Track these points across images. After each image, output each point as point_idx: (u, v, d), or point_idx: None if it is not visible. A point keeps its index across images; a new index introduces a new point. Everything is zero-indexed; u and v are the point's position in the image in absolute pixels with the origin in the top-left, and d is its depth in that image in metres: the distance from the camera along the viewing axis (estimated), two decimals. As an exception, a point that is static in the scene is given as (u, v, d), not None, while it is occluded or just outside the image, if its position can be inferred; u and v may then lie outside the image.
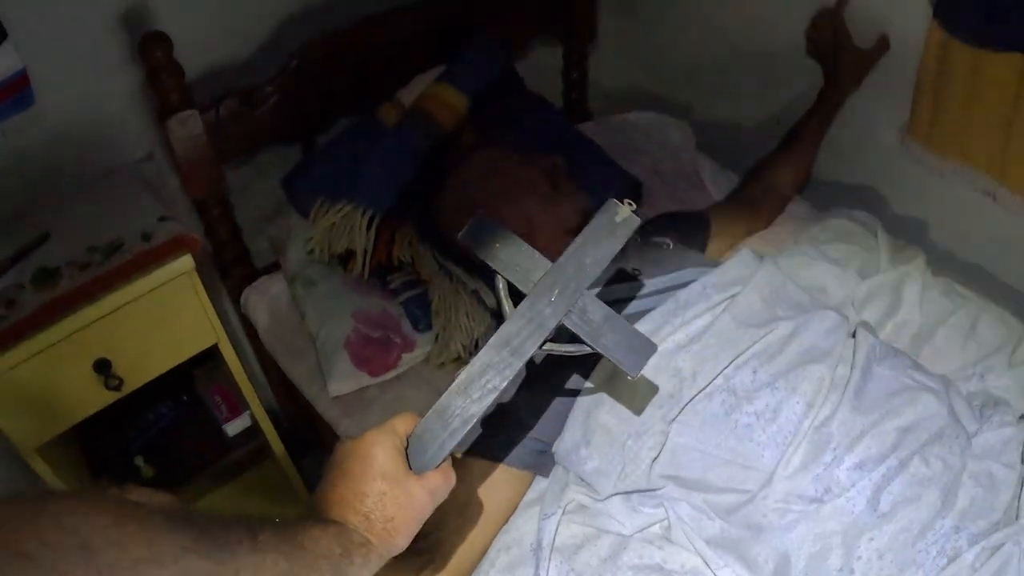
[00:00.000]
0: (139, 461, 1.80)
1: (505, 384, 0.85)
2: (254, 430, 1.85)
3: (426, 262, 1.58)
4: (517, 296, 0.93)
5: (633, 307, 1.36)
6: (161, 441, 1.84)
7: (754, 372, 1.22)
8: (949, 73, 1.56)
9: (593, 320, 0.88)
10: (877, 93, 1.75)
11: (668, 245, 1.47)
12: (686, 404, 1.20)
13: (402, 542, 0.81)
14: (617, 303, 1.37)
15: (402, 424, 0.85)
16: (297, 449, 1.97)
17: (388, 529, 0.79)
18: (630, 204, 0.96)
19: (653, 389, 1.22)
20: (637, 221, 0.94)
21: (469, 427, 0.85)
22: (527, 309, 0.87)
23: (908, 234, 1.74)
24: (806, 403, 1.19)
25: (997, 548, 1.11)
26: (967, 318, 1.52)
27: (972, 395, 1.37)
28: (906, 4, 1.59)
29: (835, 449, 1.17)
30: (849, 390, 1.22)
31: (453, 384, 0.85)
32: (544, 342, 0.87)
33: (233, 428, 1.85)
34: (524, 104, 1.86)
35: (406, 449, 0.84)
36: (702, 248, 1.60)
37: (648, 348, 0.86)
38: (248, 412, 1.80)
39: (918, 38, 1.59)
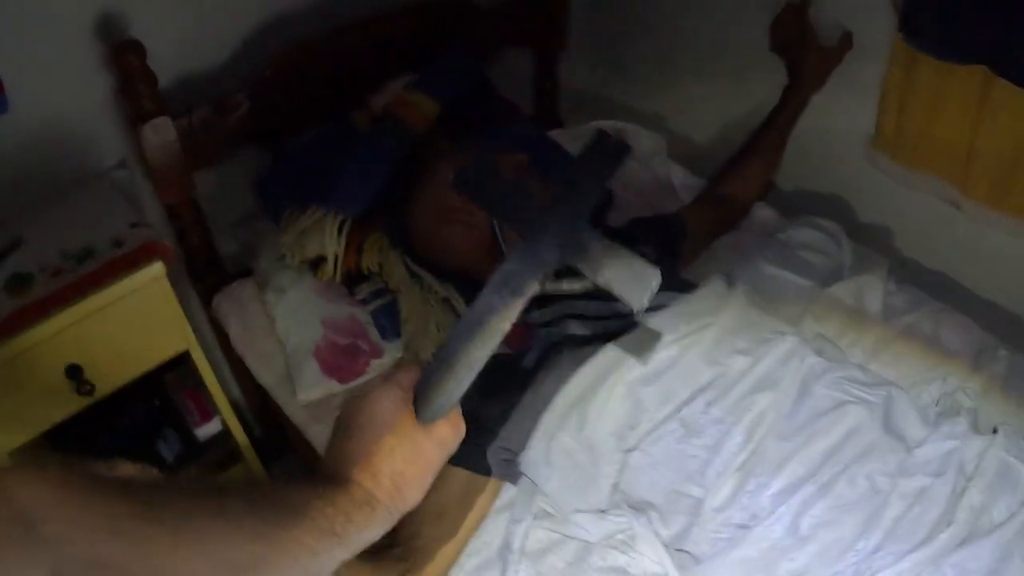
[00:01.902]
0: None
1: (506, 326, 0.82)
2: (225, 434, 1.85)
3: (395, 269, 1.58)
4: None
5: (603, 326, 1.38)
6: (134, 445, 1.83)
7: (707, 405, 1.26)
8: (913, 84, 1.59)
9: (591, 253, 0.84)
10: (843, 103, 1.78)
11: (649, 255, 1.49)
12: (645, 434, 1.23)
13: (414, 496, 0.79)
14: (580, 318, 1.39)
15: (406, 376, 0.82)
16: (268, 454, 1.98)
17: (398, 484, 0.77)
18: (620, 132, 0.93)
19: (621, 411, 1.24)
20: (629, 150, 0.93)
21: (475, 373, 0.82)
22: (523, 246, 0.85)
23: (873, 242, 1.77)
24: (745, 435, 1.23)
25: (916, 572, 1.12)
26: (930, 325, 1.55)
27: (938, 398, 1.39)
28: (872, 16, 1.61)
29: (761, 476, 1.20)
30: (780, 416, 1.25)
31: (454, 331, 0.83)
32: (544, 279, 0.85)
33: (204, 432, 1.85)
34: (495, 111, 1.88)
35: (413, 401, 0.81)
36: (679, 253, 1.62)
37: (651, 278, 0.82)
38: (219, 417, 1.81)
39: (884, 48, 1.61)
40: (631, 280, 0.82)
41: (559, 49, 2.17)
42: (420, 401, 0.81)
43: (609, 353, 1.29)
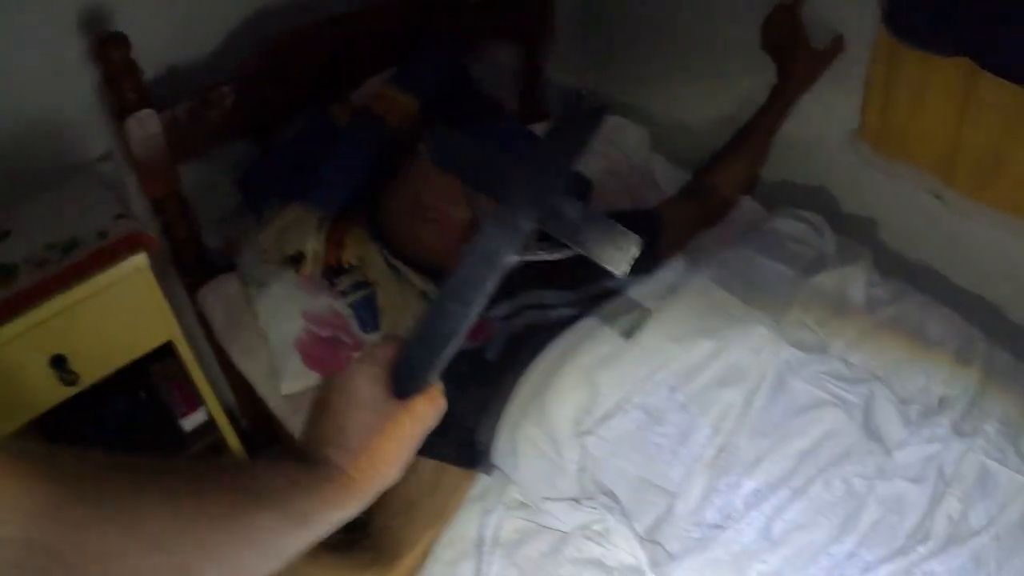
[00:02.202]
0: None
1: (484, 298, 0.81)
2: (210, 425, 1.86)
3: (375, 263, 1.59)
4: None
5: (563, 313, 1.39)
6: (118, 436, 1.84)
7: (671, 391, 1.25)
8: (898, 76, 1.59)
9: (569, 219, 0.83)
10: (827, 94, 1.78)
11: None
12: (600, 419, 1.22)
13: (391, 472, 0.77)
14: (542, 308, 1.39)
15: (384, 352, 0.80)
16: (254, 445, 1.98)
17: (373, 461, 0.75)
18: (593, 95, 0.93)
19: (576, 397, 1.24)
20: (606, 111, 0.92)
21: (454, 346, 0.80)
22: (498, 216, 0.83)
23: (856, 234, 1.77)
24: (713, 428, 1.22)
25: None
26: (913, 316, 1.55)
27: (918, 394, 1.39)
28: (857, 7, 1.61)
29: (733, 475, 1.20)
30: (754, 411, 1.24)
31: (430, 303, 0.81)
32: (523, 249, 0.84)
33: (189, 423, 1.86)
34: (476, 106, 1.88)
35: (391, 377, 0.79)
36: (655, 246, 1.62)
37: (630, 243, 0.81)
38: (204, 407, 1.81)
39: (868, 41, 1.61)
40: (611, 246, 0.82)
41: (545, 42, 2.17)
42: (398, 377, 0.80)
43: (566, 339, 1.29)
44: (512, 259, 0.82)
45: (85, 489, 0.59)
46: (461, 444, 1.29)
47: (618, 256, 0.82)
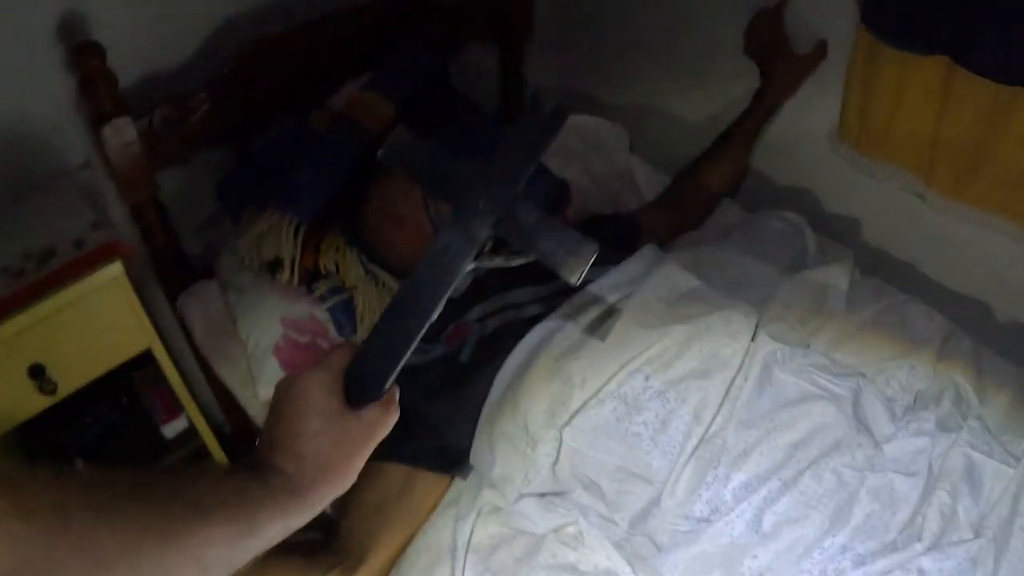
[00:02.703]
0: (78, 464, 1.79)
1: (439, 305, 0.81)
2: (192, 432, 1.86)
3: (352, 268, 1.59)
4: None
5: (534, 310, 1.39)
6: (100, 443, 1.84)
7: (646, 379, 1.23)
8: (877, 75, 1.58)
9: (526, 225, 0.82)
10: (807, 93, 1.77)
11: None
12: (577, 411, 1.22)
13: (342, 481, 0.77)
14: (515, 307, 1.39)
15: (338, 358, 0.80)
16: (237, 452, 1.97)
17: (322, 469, 0.74)
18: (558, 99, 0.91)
19: (549, 389, 1.23)
20: (566, 114, 0.90)
21: (407, 353, 0.80)
22: (454, 221, 0.83)
23: (838, 234, 1.78)
24: (693, 416, 1.21)
25: (884, 574, 1.11)
26: (895, 314, 1.54)
27: (903, 389, 1.38)
28: (835, 6, 1.60)
29: (722, 467, 1.18)
30: (740, 402, 1.23)
31: (385, 311, 0.81)
32: (478, 255, 0.83)
33: (171, 430, 1.85)
34: (453, 108, 1.87)
35: (344, 384, 0.80)
36: (631, 251, 1.62)
37: (587, 249, 0.80)
38: (185, 414, 1.81)
39: (847, 40, 1.60)
40: (566, 253, 0.81)
41: (524, 43, 2.16)
42: (351, 384, 0.80)
43: (536, 334, 1.29)
44: (468, 266, 0.82)
45: (25, 506, 0.59)
46: (435, 448, 1.29)
47: (572, 263, 0.81)
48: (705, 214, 1.83)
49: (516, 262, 0.87)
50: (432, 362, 1.38)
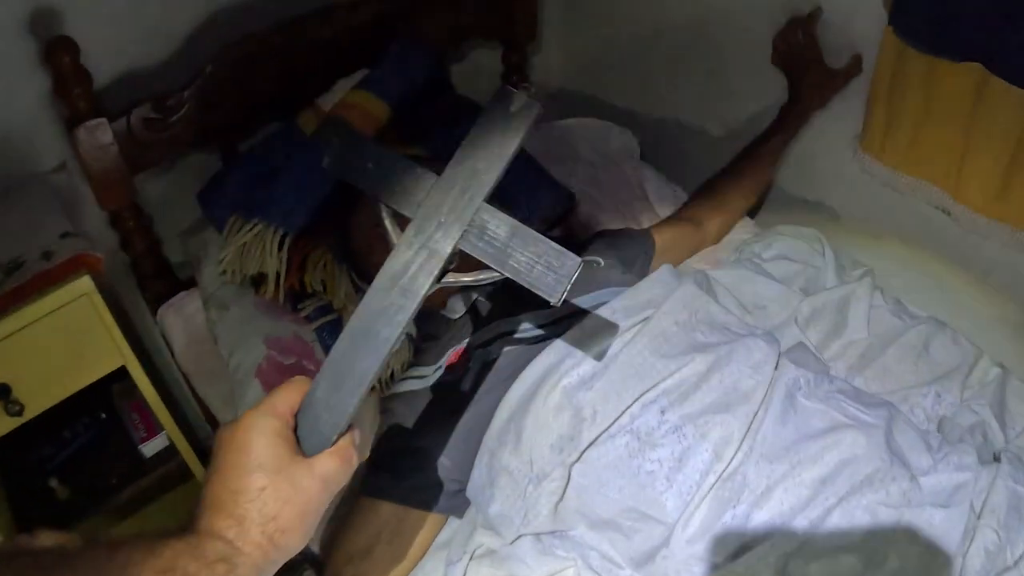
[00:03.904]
0: (53, 483, 1.73)
1: (399, 333, 0.72)
2: (173, 450, 1.78)
3: (341, 287, 1.50)
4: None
5: (545, 334, 1.30)
6: (77, 461, 1.78)
7: (662, 412, 1.15)
8: (904, 82, 1.52)
9: (496, 238, 0.73)
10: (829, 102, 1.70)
11: (598, 263, 1.40)
12: (586, 448, 1.13)
13: (292, 544, 0.68)
14: (521, 331, 1.30)
15: (284, 399, 0.72)
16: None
17: (269, 533, 0.66)
18: (526, 87, 0.81)
19: (558, 422, 1.14)
20: (536, 107, 0.78)
21: (363, 392, 0.72)
22: (413, 236, 0.74)
23: (857, 251, 1.71)
24: (713, 454, 1.11)
25: None
26: (918, 338, 1.51)
27: (927, 418, 1.35)
28: (860, 10, 1.54)
29: (741, 506, 1.09)
30: (762, 434, 1.14)
31: (337, 342, 0.73)
32: (442, 274, 0.74)
33: (150, 448, 1.78)
34: (452, 110, 1.77)
35: (294, 429, 0.71)
36: (645, 271, 1.53)
37: (569, 264, 0.72)
38: (164, 432, 1.73)
39: (872, 45, 1.54)
40: (545, 268, 0.73)
41: (527, 40, 2.07)
42: (302, 430, 0.71)
43: (543, 360, 1.20)
44: (430, 286, 0.73)
45: None
46: (431, 485, 1.20)
47: (552, 281, 0.72)
48: (723, 233, 1.74)
49: (487, 280, 0.78)
50: (431, 388, 1.29)
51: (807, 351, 1.39)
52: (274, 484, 0.67)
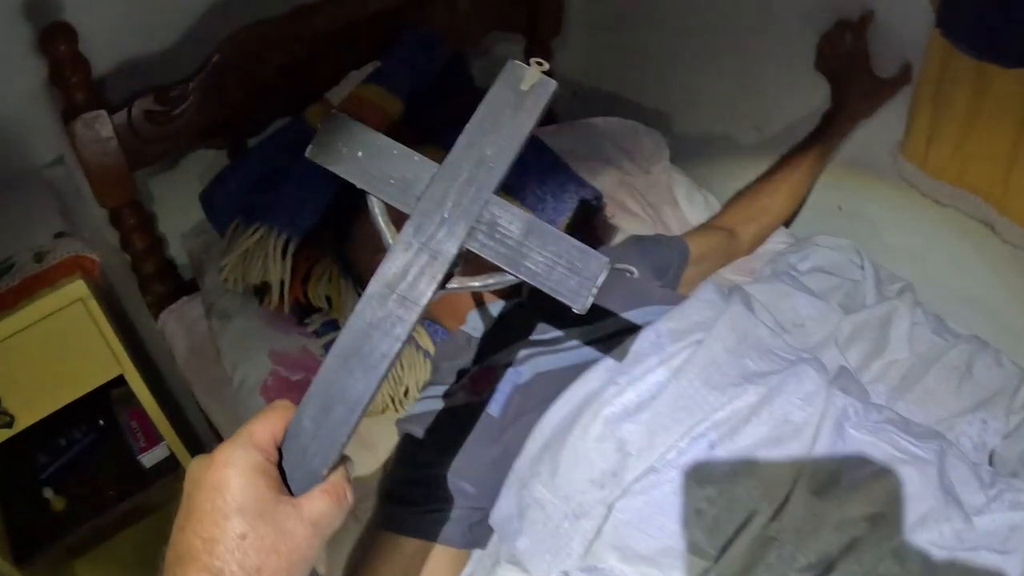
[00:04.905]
0: (48, 493, 1.68)
1: (398, 348, 0.63)
2: (174, 461, 1.73)
3: (347, 301, 1.42)
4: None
5: (579, 356, 1.21)
6: (74, 470, 1.73)
7: (711, 448, 1.06)
8: (950, 87, 1.44)
9: (509, 235, 0.65)
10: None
11: (632, 273, 1.31)
12: (631, 484, 1.05)
13: None
14: (555, 351, 1.21)
15: (265, 428, 0.63)
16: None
17: None
18: (539, 63, 0.68)
19: (599, 455, 1.06)
20: (552, 85, 0.68)
21: (356, 419, 0.63)
22: (412, 235, 0.64)
23: (898, 265, 1.66)
24: (763, 492, 1.04)
25: None
26: (960, 358, 1.44)
27: (975, 448, 1.30)
28: (905, 10, 1.46)
29: (787, 545, 1.02)
30: (811, 469, 1.07)
31: (326, 360, 0.63)
32: (446, 278, 0.65)
33: (150, 459, 1.72)
34: (471, 105, 1.68)
35: (279, 463, 0.63)
36: (676, 280, 1.46)
37: (593, 266, 0.64)
38: (165, 443, 1.66)
39: (917, 48, 1.47)
40: (566, 271, 0.64)
41: (552, 34, 2.01)
42: (286, 462, 0.62)
43: (582, 386, 1.12)
44: (433, 293, 0.64)
45: None
46: (455, 518, 1.12)
47: (576, 285, 0.63)
48: (758, 244, 1.67)
49: (498, 284, 0.68)
50: (454, 409, 1.20)
51: (852, 377, 1.32)
52: (256, 530, 0.58)
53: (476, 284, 0.68)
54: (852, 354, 1.43)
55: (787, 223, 1.74)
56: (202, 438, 1.93)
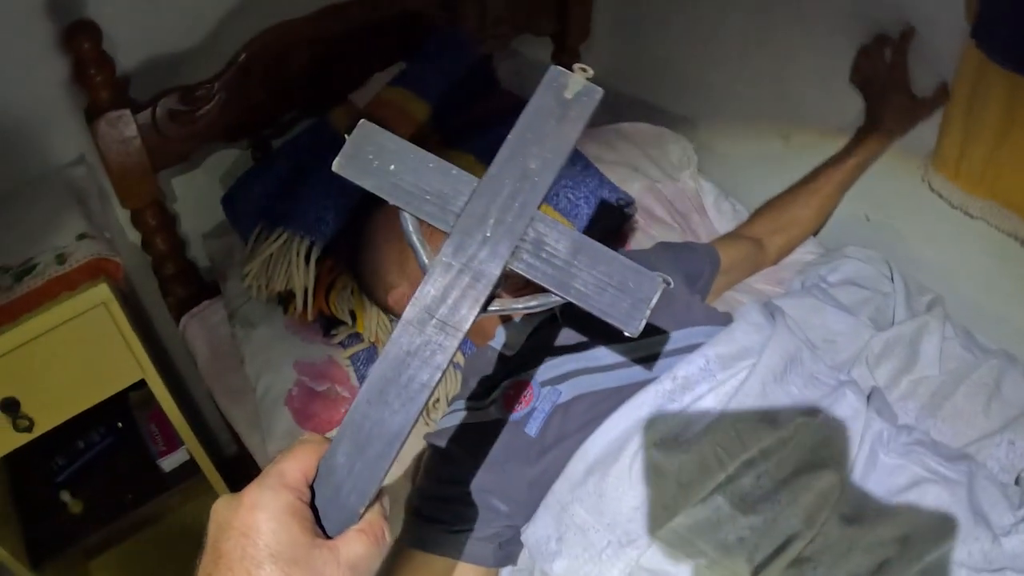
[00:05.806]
0: (65, 496, 1.67)
1: (438, 378, 0.59)
2: (194, 466, 1.70)
3: (372, 318, 1.38)
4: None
5: (621, 377, 1.17)
6: (91, 472, 1.71)
7: (758, 478, 1.05)
8: (984, 99, 1.41)
9: (556, 254, 0.61)
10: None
11: (668, 283, 1.29)
12: (679, 514, 1.03)
13: None
14: (596, 371, 1.18)
15: (296, 467, 0.59)
16: (244, 484, 1.80)
17: None
18: (584, 69, 0.64)
19: (648, 484, 1.04)
20: (598, 93, 0.64)
21: (394, 454, 0.59)
22: (452, 255, 0.61)
23: (927, 278, 1.63)
24: (804, 520, 1.02)
25: None
26: (990, 374, 1.41)
27: (1002, 469, 1.27)
28: (940, 23, 1.43)
29: (821, 568, 1.01)
30: (845, 494, 1.06)
31: (361, 391, 0.60)
32: (488, 300, 0.61)
33: (169, 463, 1.70)
34: (499, 108, 1.65)
35: (311, 502, 0.59)
36: (707, 289, 1.44)
37: (647, 287, 0.61)
38: (185, 447, 1.64)
39: (950, 58, 1.43)
40: (617, 292, 0.60)
41: (580, 38, 1.99)
42: (320, 501, 0.59)
43: (630, 413, 1.09)
44: (476, 317, 0.60)
45: None
46: (487, 536, 1.10)
47: (628, 308, 0.60)
48: (784, 255, 1.65)
49: (542, 305, 0.64)
50: (485, 424, 1.17)
51: (884, 399, 1.30)
52: None
53: (519, 306, 0.64)
54: (882, 371, 1.40)
55: (815, 233, 1.72)
56: (221, 442, 1.91)
